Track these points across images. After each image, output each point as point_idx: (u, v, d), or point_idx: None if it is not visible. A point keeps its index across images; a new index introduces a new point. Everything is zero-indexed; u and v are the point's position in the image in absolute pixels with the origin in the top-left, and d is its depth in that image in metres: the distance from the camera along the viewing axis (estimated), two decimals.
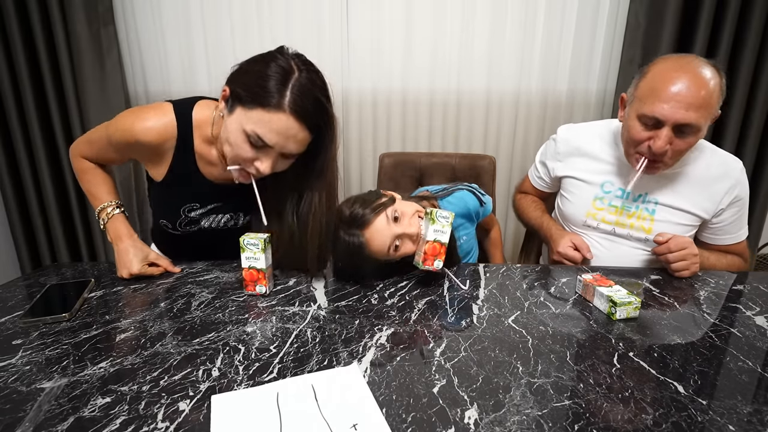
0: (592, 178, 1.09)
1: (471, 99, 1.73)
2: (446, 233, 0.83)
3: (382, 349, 0.65)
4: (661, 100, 0.87)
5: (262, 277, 0.82)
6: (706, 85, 0.85)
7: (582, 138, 1.12)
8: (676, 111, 0.86)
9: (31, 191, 1.74)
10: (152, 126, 0.86)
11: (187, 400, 0.54)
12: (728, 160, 1.03)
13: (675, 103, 0.86)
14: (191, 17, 1.64)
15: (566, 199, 1.15)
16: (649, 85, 0.90)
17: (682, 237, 0.94)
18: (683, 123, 0.86)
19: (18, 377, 0.58)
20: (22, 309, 0.78)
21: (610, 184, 1.07)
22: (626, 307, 0.74)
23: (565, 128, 1.16)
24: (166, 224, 0.98)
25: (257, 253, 0.81)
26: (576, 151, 1.12)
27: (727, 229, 1.05)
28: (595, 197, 1.09)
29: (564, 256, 1.04)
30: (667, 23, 1.48)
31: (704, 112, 0.86)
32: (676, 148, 0.91)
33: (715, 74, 0.88)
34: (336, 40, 1.67)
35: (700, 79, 0.86)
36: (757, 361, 0.63)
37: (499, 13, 1.63)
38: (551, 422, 0.50)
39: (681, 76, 0.86)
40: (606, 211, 1.07)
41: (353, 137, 1.78)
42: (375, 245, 0.87)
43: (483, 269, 0.98)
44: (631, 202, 1.05)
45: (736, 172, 1.01)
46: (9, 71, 1.60)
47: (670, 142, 0.89)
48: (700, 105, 0.85)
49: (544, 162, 1.20)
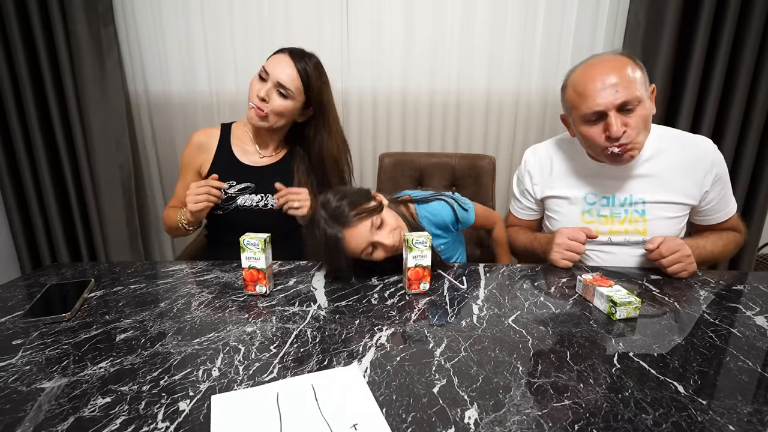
0: (572, 193, 1.08)
1: (471, 99, 1.73)
2: (426, 256, 0.84)
3: (382, 349, 0.65)
4: (591, 98, 0.92)
5: (262, 277, 0.83)
6: (616, 65, 0.92)
7: (549, 157, 1.13)
8: (608, 97, 0.91)
9: (31, 191, 1.74)
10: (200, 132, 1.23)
11: (187, 400, 0.54)
12: (698, 141, 1.04)
13: (603, 93, 0.91)
14: (191, 17, 1.64)
15: (554, 219, 1.13)
16: (574, 92, 0.96)
17: (673, 239, 0.94)
18: (621, 102, 0.91)
19: (18, 377, 0.58)
20: (22, 309, 0.78)
21: (593, 195, 1.06)
22: (626, 307, 0.74)
23: (530, 151, 1.18)
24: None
25: (257, 253, 0.81)
26: (548, 171, 1.12)
27: (717, 208, 1.06)
28: (582, 211, 1.07)
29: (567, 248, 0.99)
30: (667, 23, 1.48)
31: (631, 85, 0.90)
32: (633, 125, 0.93)
33: (624, 57, 0.95)
34: (336, 40, 1.67)
35: (609, 63, 0.93)
36: (757, 361, 0.63)
37: (499, 13, 1.63)
38: (551, 422, 0.50)
39: (593, 70, 0.94)
40: (597, 223, 1.06)
41: (353, 137, 1.78)
42: (351, 244, 0.88)
43: (483, 269, 0.98)
44: (619, 207, 1.04)
45: (709, 151, 1.01)
46: (9, 71, 1.60)
47: (624, 124, 0.92)
48: (623, 82, 0.90)
49: (524, 190, 1.18)
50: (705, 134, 1.50)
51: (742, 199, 1.61)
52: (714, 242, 1.05)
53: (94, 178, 1.71)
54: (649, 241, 0.95)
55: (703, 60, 1.50)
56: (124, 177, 1.71)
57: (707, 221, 1.09)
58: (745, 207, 1.63)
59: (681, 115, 1.54)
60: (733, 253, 1.10)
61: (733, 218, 1.09)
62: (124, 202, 1.74)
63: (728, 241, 1.07)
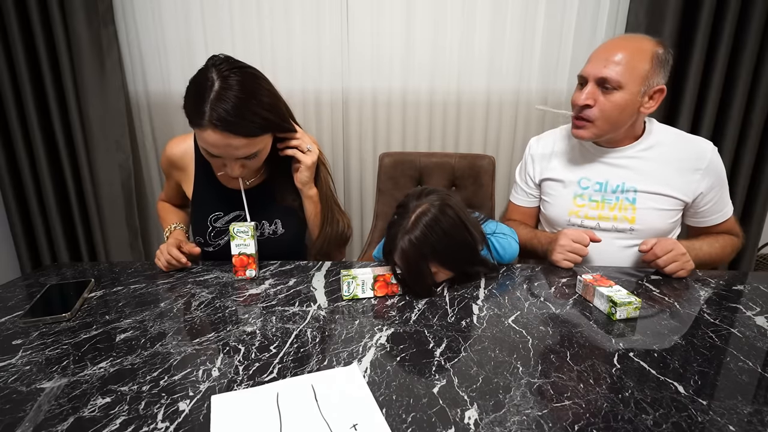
0: (567, 176, 1.11)
1: (471, 99, 1.73)
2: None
3: (382, 349, 0.65)
4: (588, 61, 0.99)
5: (252, 262, 0.90)
6: (629, 47, 0.95)
7: (552, 141, 1.17)
8: (595, 66, 0.96)
9: (31, 191, 1.74)
10: (175, 143, 1.04)
11: (187, 400, 0.54)
12: (698, 141, 1.05)
13: (596, 61, 0.97)
14: (191, 17, 1.64)
15: (547, 203, 1.16)
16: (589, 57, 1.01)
17: (666, 239, 0.94)
18: (601, 77, 0.95)
19: (18, 377, 0.58)
20: (22, 309, 0.78)
21: (587, 180, 1.09)
22: (626, 307, 0.74)
23: (534, 138, 1.23)
24: (200, 240, 1.04)
25: (246, 239, 0.88)
26: (549, 155, 1.16)
27: (713, 210, 1.06)
28: (574, 195, 1.10)
29: (570, 249, 0.98)
30: (667, 23, 1.48)
31: (623, 70, 0.93)
32: (602, 107, 0.96)
33: (651, 45, 0.95)
34: (336, 40, 1.66)
35: (624, 42, 0.96)
36: (757, 361, 0.63)
37: (499, 13, 1.63)
38: (551, 422, 0.50)
39: (608, 42, 0.99)
40: (588, 207, 1.08)
41: (353, 137, 1.78)
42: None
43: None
44: (611, 193, 1.06)
45: (707, 153, 1.02)
46: (9, 71, 1.60)
47: (593, 98, 0.97)
48: (618, 62, 0.93)
49: (525, 176, 1.22)
50: (705, 134, 1.50)
51: (742, 199, 1.60)
52: (710, 244, 1.05)
53: (94, 178, 1.71)
54: (643, 242, 0.95)
55: (703, 60, 1.49)
56: (124, 177, 1.71)
57: (703, 223, 1.09)
58: (745, 207, 1.62)
59: (681, 115, 1.54)
60: (731, 256, 1.10)
61: (729, 221, 1.09)
62: (124, 202, 1.74)
63: (725, 243, 1.07)
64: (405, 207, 0.85)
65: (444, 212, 0.81)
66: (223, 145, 0.82)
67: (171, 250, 0.95)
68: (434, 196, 0.85)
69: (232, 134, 0.80)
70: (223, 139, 0.81)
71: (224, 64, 0.82)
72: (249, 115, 0.81)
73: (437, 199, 0.83)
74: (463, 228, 0.84)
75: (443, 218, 0.81)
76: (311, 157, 0.96)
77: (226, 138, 0.80)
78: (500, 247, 0.99)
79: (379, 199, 1.52)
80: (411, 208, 0.83)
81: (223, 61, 0.83)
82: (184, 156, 1.03)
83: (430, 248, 0.80)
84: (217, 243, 1.04)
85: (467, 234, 0.85)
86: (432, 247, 0.80)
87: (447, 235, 0.81)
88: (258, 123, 0.83)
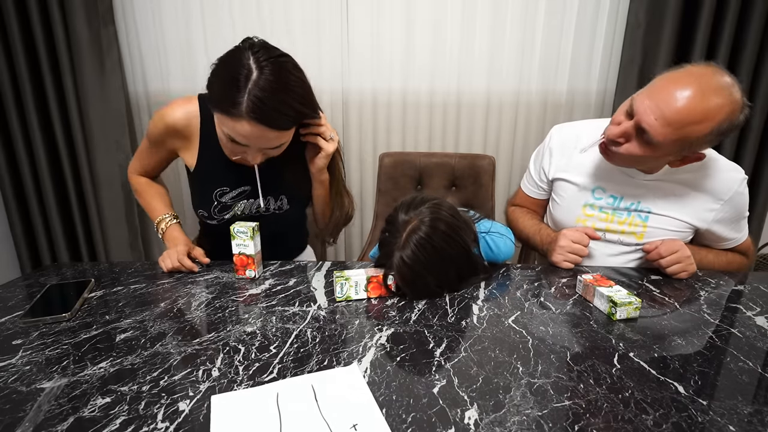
0: (583, 180, 1.05)
1: (471, 99, 1.73)
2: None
3: (382, 349, 0.65)
4: (647, 94, 0.84)
5: (252, 262, 0.90)
6: (698, 108, 0.79)
7: (574, 136, 1.07)
8: (646, 113, 0.82)
9: (31, 191, 1.74)
10: (177, 107, 0.93)
11: (187, 400, 0.54)
12: (730, 173, 0.97)
13: (652, 106, 0.82)
14: (191, 17, 1.64)
15: (557, 204, 1.11)
16: (653, 82, 0.86)
17: (672, 240, 0.93)
18: (643, 128, 0.83)
19: (18, 377, 0.58)
20: (22, 309, 0.78)
21: (602, 191, 1.04)
22: (626, 308, 0.74)
23: (557, 128, 1.12)
24: (203, 213, 1.01)
25: (246, 240, 0.87)
26: (570, 149, 1.07)
27: (727, 235, 1.03)
28: (585, 203, 1.06)
29: (570, 250, 0.98)
30: (667, 23, 1.48)
31: (671, 134, 0.81)
32: (629, 149, 0.87)
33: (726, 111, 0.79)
34: (336, 40, 1.67)
35: (699, 95, 0.79)
36: (757, 361, 0.63)
37: (499, 13, 1.63)
38: (551, 422, 0.50)
39: (681, 80, 0.81)
40: (596, 218, 1.05)
41: (353, 137, 1.78)
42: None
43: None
44: (623, 210, 1.02)
45: (735, 184, 0.96)
46: (9, 71, 1.60)
47: (626, 136, 0.87)
48: (670, 123, 0.80)
49: (540, 167, 1.15)
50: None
51: None
52: (717, 254, 1.04)
53: (94, 178, 1.71)
54: (647, 243, 0.95)
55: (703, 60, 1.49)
56: (124, 177, 1.71)
57: (716, 245, 1.06)
58: None
59: None
60: (735, 271, 1.06)
61: (744, 243, 1.07)
62: (124, 202, 1.74)
63: (731, 260, 1.05)
64: (394, 223, 0.83)
65: (435, 228, 0.79)
66: (255, 137, 0.79)
67: (183, 260, 0.94)
68: (424, 208, 0.82)
69: (268, 127, 0.78)
70: (258, 131, 0.78)
71: (262, 52, 0.77)
72: (285, 108, 0.79)
73: (427, 213, 0.80)
74: (456, 241, 0.82)
75: (435, 235, 0.79)
76: (333, 145, 0.94)
77: (261, 131, 0.78)
78: (494, 246, 0.96)
79: (379, 199, 1.52)
80: (401, 223, 0.81)
81: (260, 48, 0.78)
82: (189, 124, 0.93)
83: (424, 266, 0.79)
84: (222, 217, 0.99)
85: (461, 246, 0.83)
86: (425, 265, 0.79)
87: (439, 252, 0.80)
88: (292, 116, 0.81)
